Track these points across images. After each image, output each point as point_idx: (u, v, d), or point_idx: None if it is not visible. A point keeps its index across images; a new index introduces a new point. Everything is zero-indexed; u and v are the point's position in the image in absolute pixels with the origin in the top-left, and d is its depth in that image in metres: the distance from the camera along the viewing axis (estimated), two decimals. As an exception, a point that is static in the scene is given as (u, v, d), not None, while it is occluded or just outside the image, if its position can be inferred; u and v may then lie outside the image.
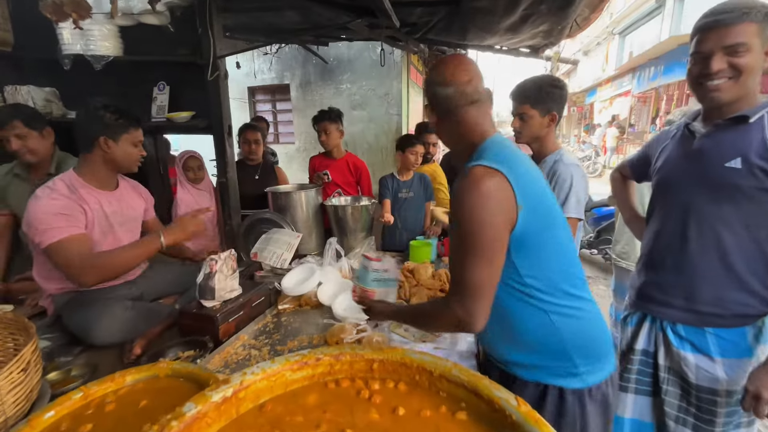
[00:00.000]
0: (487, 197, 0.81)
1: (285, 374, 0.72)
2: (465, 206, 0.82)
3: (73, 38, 2.07)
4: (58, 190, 1.36)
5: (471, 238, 0.82)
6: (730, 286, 1.11)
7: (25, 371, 0.84)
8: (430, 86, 0.97)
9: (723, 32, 1.00)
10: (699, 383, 1.16)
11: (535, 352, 0.92)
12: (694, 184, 1.14)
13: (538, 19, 1.91)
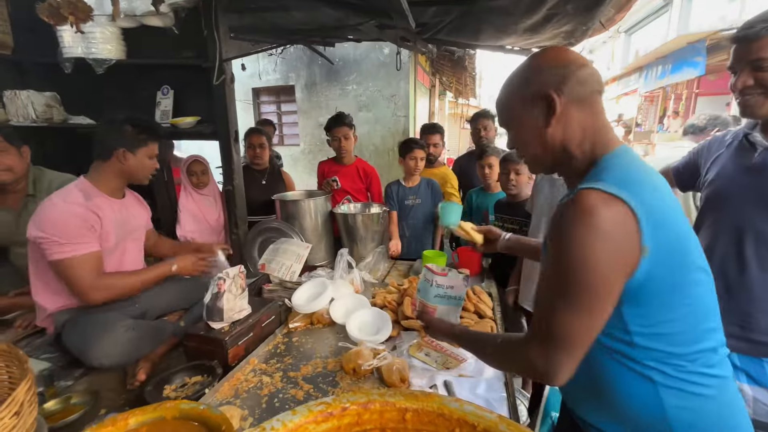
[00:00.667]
0: (601, 234, 0.62)
1: (308, 428, 0.64)
2: (569, 240, 0.64)
3: (74, 41, 2.00)
4: (74, 198, 1.34)
5: (571, 279, 0.64)
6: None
7: (18, 414, 0.76)
8: (552, 68, 0.73)
9: (747, 47, 0.98)
10: (757, 418, 1.06)
11: (628, 426, 0.73)
12: (753, 202, 1.04)
13: (562, 19, 1.82)
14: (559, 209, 0.69)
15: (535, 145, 0.78)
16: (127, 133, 1.42)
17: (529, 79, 0.76)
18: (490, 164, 2.29)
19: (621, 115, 15.05)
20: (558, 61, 0.75)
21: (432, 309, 1.04)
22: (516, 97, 0.79)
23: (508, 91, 0.81)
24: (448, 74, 6.52)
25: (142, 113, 2.14)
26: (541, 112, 0.75)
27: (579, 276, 0.63)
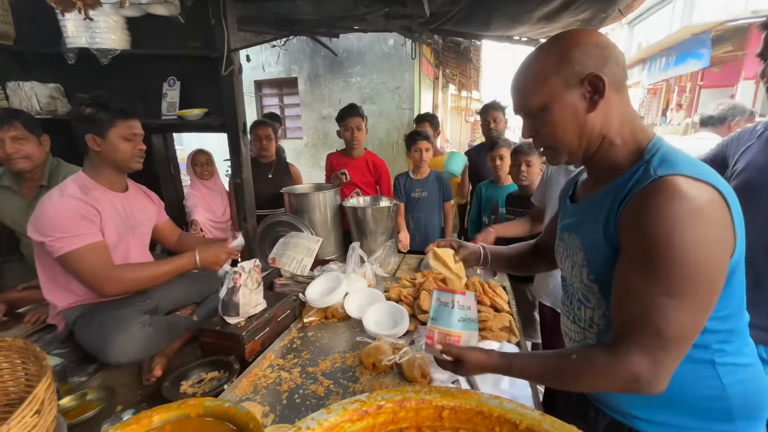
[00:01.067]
0: (708, 220, 0.59)
1: (344, 427, 0.62)
2: (671, 230, 0.59)
3: (78, 31, 1.95)
4: (71, 192, 1.27)
5: (683, 273, 0.59)
6: None
7: (39, 413, 0.74)
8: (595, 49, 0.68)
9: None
10: None
11: (684, 412, 0.71)
12: None
13: (581, 6, 1.76)
14: (642, 199, 0.62)
15: (572, 132, 0.72)
16: (88, 116, 1.28)
17: (571, 58, 0.69)
18: (501, 156, 2.26)
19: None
20: (600, 41, 0.70)
21: (456, 338, 0.85)
22: (552, 77, 0.70)
23: (539, 71, 0.72)
24: (452, 66, 6.44)
25: (148, 105, 2.11)
26: (584, 96, 0.69)
27: (693, 268, 0.59)
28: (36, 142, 1.60)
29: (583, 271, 0.76)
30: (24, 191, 1.64)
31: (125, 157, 1.35)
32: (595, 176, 0.80)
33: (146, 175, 2.06)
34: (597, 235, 0.72)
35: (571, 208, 0.85)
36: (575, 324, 0.84)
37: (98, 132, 1.30)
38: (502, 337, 1.31)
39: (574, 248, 0.80)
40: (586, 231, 0.76)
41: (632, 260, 0.65)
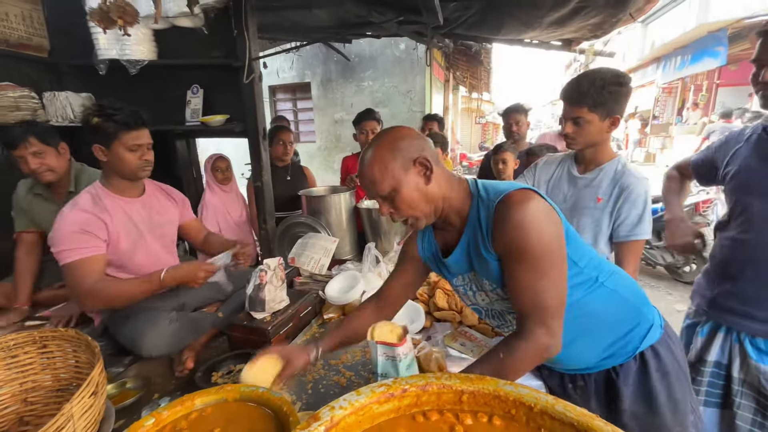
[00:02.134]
0: (536, 213, 0.81)
1: (372, 407, 0.68)
2: (528, 229, 0.80)
3: (109, 43, 2.07)
4: (82, 204, 1.33)
5: (546, 257, 0.81)
6: None
7: (95, 394, 0.82)
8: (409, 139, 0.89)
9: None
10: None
11: (620, 328, 0.95)
12: None
13: (591, 11, 1.80)
14: (495, 221, 0.84)
15: (422, 202, 0.90)
16: (93, 127, 1.30)
17: (400, 148, 0.87)
18: (504, 160, 2.31)
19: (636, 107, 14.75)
20: (412, 133, 0.90)
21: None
22: (391, 165, 0.87)
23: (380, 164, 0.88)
24: (462, 69, 6.49)
25: (173, 112, 2.21)
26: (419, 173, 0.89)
27: (549, 249, 0.81)
28: (55, 153, 1.66)
29: (498, 291, 0.93)
30: (55, 198, 1.74)
31: (131, 167, 1.37)
32: (450, 229, 0.97)
33: (170, 179, 2.16)
34: (486, 261, 0.89)
35: (453, 261, 0.97)
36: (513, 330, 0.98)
37: (103, 142, 1.32)
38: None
39: (476, 282, 0.97)
40: (478, 265, 0.92)
41: (513, 263, 0.84)
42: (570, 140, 1.33)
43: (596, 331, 0.95)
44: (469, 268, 0.96)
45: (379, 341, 0.95)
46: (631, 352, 0.95)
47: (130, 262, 1.43)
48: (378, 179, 0.88)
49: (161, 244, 1.55)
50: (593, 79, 1.23)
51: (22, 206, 1.76)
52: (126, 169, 1.37)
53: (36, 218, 1.77)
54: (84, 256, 1.28)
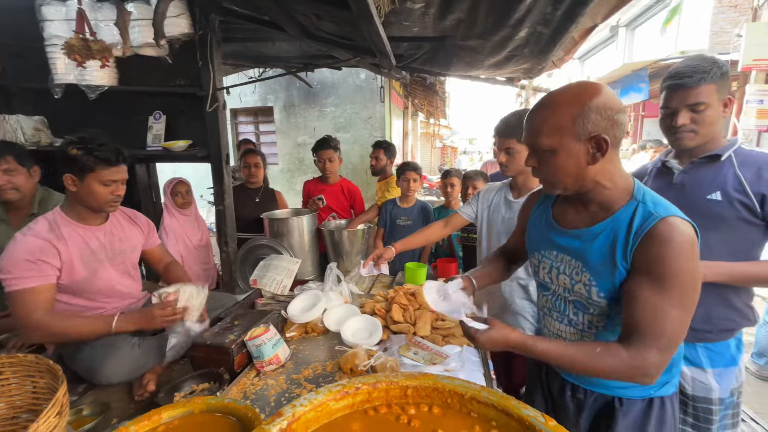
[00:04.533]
0: (696, 253, 0.80)
1: (329, 404, 0.78)
2: (685, 257, 0.79)
3: (67, 68, 2.07)
4: (36, 230, 1.31)
5: (687, 291, 0.80)
6: (717, 304, 1.23)
7: (60, 414, 0.85)
8: (607, 113, 0.81)
9: (686, 93, 1.17)
10: (695, 394, 1.27)
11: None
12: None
13: (521, 60, 2.11)
14: (654, 235, 0.80)
15: (570, 176, 0.87)
16: (71, 157, 1.28)
17: (588, 117, 0.81)
18: (452, 184, 2.56)
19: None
20: (615, 105, 0.82)
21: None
22: (567, 129, 0.82)
23: (556, 120, 0.83)
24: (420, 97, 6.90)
25: (133, 137, 2.22)
26: (588, 151, 0.83)
27: (692, 285, 0.80)
28: (26, 174, 1.69)
29: (592, 290, 0.91)
30: (11, 220, 1.71)
31: (100, 201, 1.36)
32: (586, 210, 0.94)
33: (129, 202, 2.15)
34: (607, 261, 0.87)
35: (562, 234, 0.98)
36: (570, 326, 1.00)
37: (78, 174, 1.30)
38: (464, 342, 1.50)
39: (573, 268, 0.95)
40: (593, 257, 0.90)
41: (651, 281, 0.81)
42: (504, 168, 1.58)
43: None
44: (580, 254, 0.92)
45: (249, 338, 1.33)
46: (644, 393, 0.96)
47: (89, 289, 1.42)
48: (543, 131, 0.84)
49: (122, 270, 1.53)
50: (520, 116, 1.48)
51: None
52: (95, 202, 1.36)
53: None
54: (32, 285, 1.25)
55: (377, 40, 1.55)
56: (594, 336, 0.97)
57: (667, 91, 1.23)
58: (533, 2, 1.34)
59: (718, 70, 1.16)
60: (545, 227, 1.04)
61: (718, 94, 1.17)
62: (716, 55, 6.71)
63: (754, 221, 1.17)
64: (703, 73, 1.15)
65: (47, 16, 2.01)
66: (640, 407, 0.97)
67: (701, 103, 1.16)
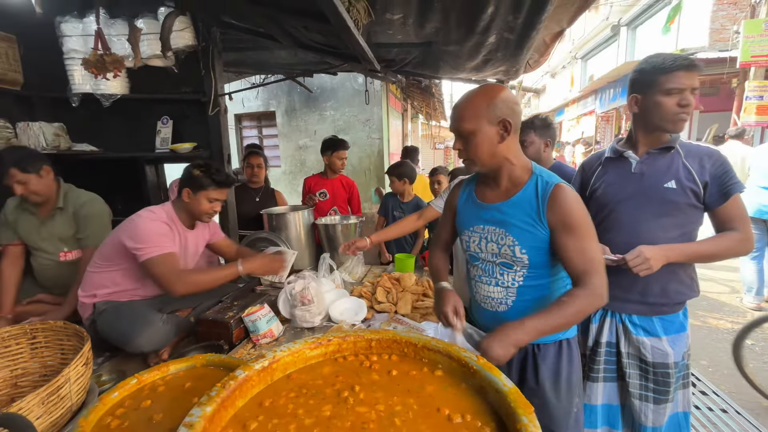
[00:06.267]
0: (580, 198, 1.09)
1: (305, 351, 0.94)
2: (581, 210, 1.06)
3: (84, 79, 2.27)
4: (161, 217, 1.65)
5: (590, 225, 1.07)
6: (671, 280, 1.36)
7: (86, 365, 1.02)
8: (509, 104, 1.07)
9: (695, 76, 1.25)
10: (655, 360, 1.38)
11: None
12: (642, 201, 1.36)
13: (497, 63, 2.26)
14: (556, 197, 1.06)
15: (487, 153, 1.10)
16: (192, 176, 1.68)
17: (495, 105, 1.06)
18: (439, 181, 2.74)
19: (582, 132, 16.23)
20: (511, 98, 1.09)
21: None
22: (481, 115, 1.07)
23: (474, 108, 1.08)
24: (418, 99, 7.07)
25: (143, 141, 2.43)
26: (497, 132, 1.08)
27: (591, 222, 1.08)
28: (36, 178, 1.80)
29: (515, 249, 1.12)
30: (40, 213, 1.90)
31: (201, 213, 1.72)
32: (499, 187, 1.17)
33: (139, 201, 2.35)
34: (527, 223, 1.09)
35: (485, 209, 1.19)
36: (498, 287, 1.19)
37: (193, 189, 1.67)
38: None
39: (498, 235, 1.15)
40: (514, 222, 1.11)
41: (568, 232, 1.05)
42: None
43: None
44: (502, 223, 1.14)
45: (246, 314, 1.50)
46: (554, 338, 1.17)
47: None
48: (465, 118, 1.08)
49: (190, 265, 1.83)
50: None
51: (9, 220, 1.89)
52: (197, 212, 1.72)
53: (19, 231, 1.91)
54: (169, 251, 1.57)
55: (358, 48, 1.72)
56: (516, 291, 1.17)
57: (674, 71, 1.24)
58: (495, 12, 1.51)
59: None
60: (472, 206, 1.24)
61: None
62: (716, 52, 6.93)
63: (698, 205, 1.31)
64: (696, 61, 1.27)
65: (66, 32, 2.22)
66: (554, 350, 1.18)
67: (697, 89, 1.27)
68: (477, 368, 0.83)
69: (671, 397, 1.38)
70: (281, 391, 0.85)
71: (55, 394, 0.91)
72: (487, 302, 1.23)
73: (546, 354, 1.18)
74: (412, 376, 0.89)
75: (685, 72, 1.25)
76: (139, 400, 0.94)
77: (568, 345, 1.20)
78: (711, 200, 1.29)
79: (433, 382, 0.86)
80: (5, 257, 1.89)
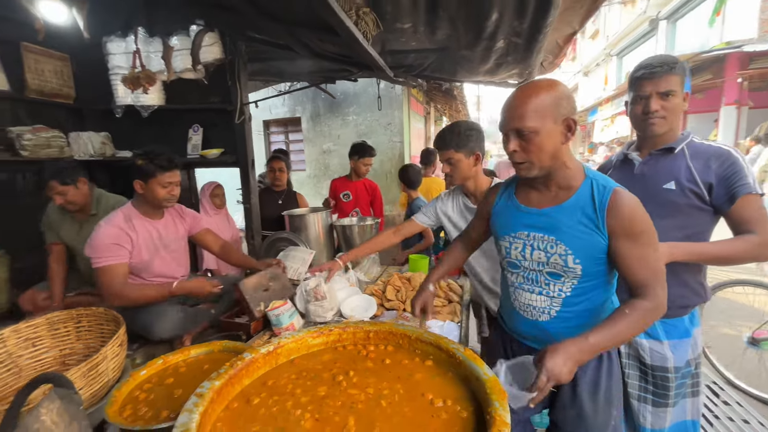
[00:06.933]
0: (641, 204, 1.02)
1: (308, 339, 1.03)
2: (644, 217, 0.99)
3: (126, 93, 2.50)
4: (115, 221, 1.70)
5: (653, 233, 0.99)
6: (673, 284, 1.28)
7: (121, 345, 1.16)
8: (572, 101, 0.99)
9: (657, 81, 1.28)
10: (653, 363, 1.38)
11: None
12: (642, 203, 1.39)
13: (509, 66, 2.27)
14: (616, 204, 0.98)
15: (549, 154, 1.00)
16: (138, 166, 1.69)
17: (560, 104, 0.97)
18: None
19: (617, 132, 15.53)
20: (571, 93, 1.00)
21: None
22: (548, 113, 0.96)
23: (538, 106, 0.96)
24: (441, 102, 7.08)
25: (176, 147, 2.63)
26: (561, 132, 0.99)
27: (654, 229, 1.00)
28: (73, 189, 2.00)
29: (568, 258, 1.03)
30: (78, 218, 2.12)
31: (159, 199, 1.75)
32: (548, 191, 1.09)
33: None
34: (582, 231, 1.01)
35: (532, 214, 1.10)
36: (542, 296, 1.12)
37: (143, 179, 1.71)
38: (447, 318, 1.70)
39: (547, 242, 1.06)
40: (567, 229, 1.03)
41: (630, 240, 0.98)
42: (449, 177, 1.74)
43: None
44: (552, 229, 1.05)
45: (270, 309, 1.58)
46: None
47: (148, 270, 1.81)
48: (528, 114, 0.96)
49: (173, 257, 1.92)
50: (452, 129, 1.67)
51: (51, 223, 2.13)
52: (156, 200, 1.75)
53: (61, 233, 2.14)
54: (111, 263, 1.64)
55: (368, 58, 1.80)
56: (562, 302, 1.09)
57: (638, 80, 1.31)
58: (499, 18, 1.54)
59: (682, 66, 1.29)
60: (514, 212, 1.15)
61: (681, 85, 1.28)
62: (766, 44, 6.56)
63: (704, 207, 1.29)
64: (672, 64, 1.27)
65: (111, 51, 2.45)
66: (594, 363, 1.11)
67: (671, 91, 1.27)
68: (462, 359, 0.88)
69: (672, 402, 1.36)
70: (284, 373, 0.94)
71: (94, 370, 1.06)
72: (528, 311, 1.15)
73: (586, 367, 1.10)
74: (404, 365, 0.95)
75: (649, 81, 1.28)
76: (164, 377, 1.07)
77: (608, 357, 1.13)
78: (719, 202, 1.27)
79: (422, 370, 0.93)
80: (51, 255, 2.11)
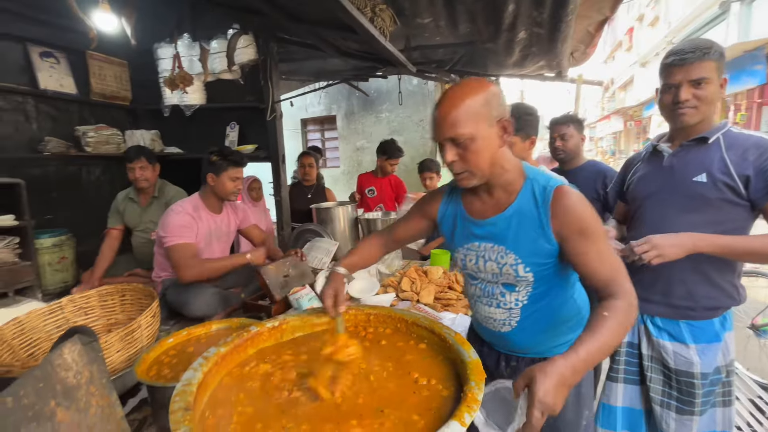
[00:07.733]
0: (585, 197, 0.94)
1: (311, 319, 1.10)
2: (587, 207, 0.90)
3: (173, 94, 2.75)
4: (186, 209, 1.92)
5: (600, 227, 0.91)
6: (700, 282, 1.26)
7: (154, 317, 1.31)
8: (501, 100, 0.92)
9: (688, 69, 1.18)
10: (677, 368, 1.29)
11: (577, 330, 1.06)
12: (668, 196, 1.30)
13: (535, 57, 2.20)
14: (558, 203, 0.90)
15: (487, 160, 0.91)
16: (212, 162, 1.93)
17: (491, 103, 0.89)
18: (430, 177, 2.77)
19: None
20: (501, 92, 0.93)
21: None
22: (481, 116, 0.88)
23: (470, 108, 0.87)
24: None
25: (215, 143, 2.85)
26: (497, 134, 0.91)
27: (600, 223, 0.92)
28: (152, 169, 2.36)
29: (518, 268, 0.97)
30: (141, 201, 2.42)
31: (227, 191, 1.98)
32: (491, 198, 1.00)
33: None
34: (529, 237, 0.94)
35: (479, 225, 1.02)
36: (498, 308, 1.06)
37: (215, 172, 1.93)
38: (461, 311, 1.71)
39: (497, 252, 0.99)
40: (513, 238, 0.96)
41: (582, 238, 0.89)
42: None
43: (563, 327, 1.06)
44: (500, 238, 0.98)
45: (292, 293, 1.68)
46: (562, 348, 1.06)
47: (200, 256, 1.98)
48: (461, 121, 0.86)
49: (221, 247, 2.14)
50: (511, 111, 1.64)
51: (119, 208, 2.43)
52: (224, 192, 1.97)
53: (125, 216, 2.44)
54: (185, 241, 1.85)
55: (388, 54, 1.84)
56: (520, 311, 1.04)
57: (668, 67, 1.21)
58: (516, 8, 1.50)
59: (718, 50, 1.18)
60: (462, 222, 1.07)
61: (717, 72, 1.18)
62: None
63: (739, 202, 1.19)
64: (706, 49, 1.16)
65: (160, 56, 2.71)
66: None
67: (704, 79, 1.16)
68: (452, 342, 0.90)
69: (698, 410, 1.26)
70: (285, 347, 1.02)
71: (130, 335, 1.20)
72: (489, 323, 1.11)
73: None
74: (398, 346, 0.99)
75: (680, 68, 1.19)
76: (187, 346, 1.19)
77: None
78: (757, 195, 1.16)
79: (414, 352, 0.96)
80: (107, 239, 2.39)
